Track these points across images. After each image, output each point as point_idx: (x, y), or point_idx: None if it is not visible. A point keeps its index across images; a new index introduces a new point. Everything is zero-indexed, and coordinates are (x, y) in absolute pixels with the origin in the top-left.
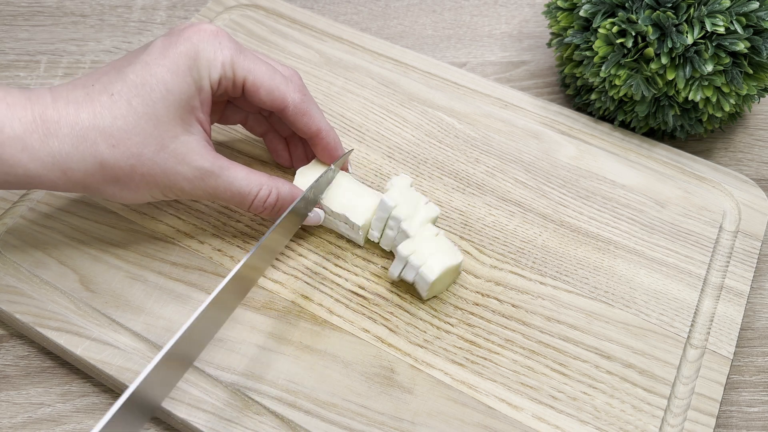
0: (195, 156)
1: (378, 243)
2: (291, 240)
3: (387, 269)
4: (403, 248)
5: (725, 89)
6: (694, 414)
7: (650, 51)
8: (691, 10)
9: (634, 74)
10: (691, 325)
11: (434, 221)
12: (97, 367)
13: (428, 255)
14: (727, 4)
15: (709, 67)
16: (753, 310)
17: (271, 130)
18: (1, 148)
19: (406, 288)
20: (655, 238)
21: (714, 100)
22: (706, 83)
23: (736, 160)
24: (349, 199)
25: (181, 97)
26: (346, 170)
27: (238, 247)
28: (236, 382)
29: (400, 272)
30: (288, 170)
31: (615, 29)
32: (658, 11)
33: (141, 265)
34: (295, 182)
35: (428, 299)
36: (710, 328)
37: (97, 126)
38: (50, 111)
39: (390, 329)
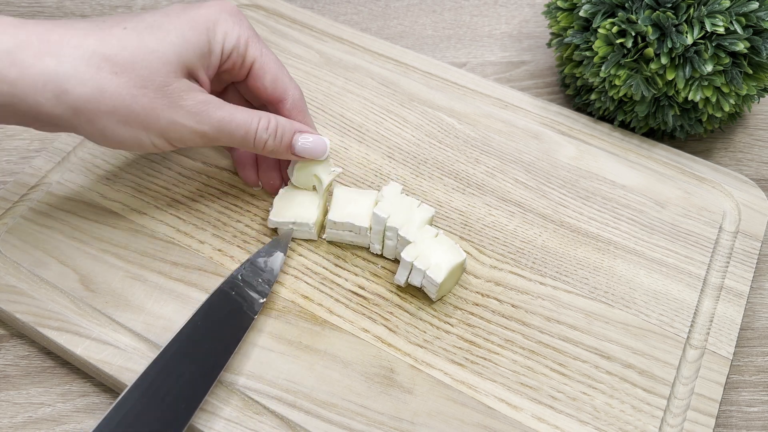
0: (195, 92)
1: (381, 255)
2: (291, 240)
3: (387, 269)
4: (406, 254)
5: (725, 89)
6: (694, 414)
7: (650, 51)
8: (691, 10)
9: (633, 74)
10: (691, 326)
11: (431, 222)
12: (97, 366)
13: (432, 256)
14: (727, 4)
15: (709, 67)
16: (753, 311)
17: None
18: None
19: (406, 288)
20: (655, 239)
21: (714, 100)
22: (706, 83)
23: (736, 161)
24: (348, 207)
25: (194, 50)
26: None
27: (238, 247)
28: (236, 382)
29: (407, 278)
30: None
31: (615, 29)
32: (658, 11)
33: (141, 265)
34: (273, 209)
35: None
36: (710, 329)
37: (103, 52)
38: (51, 34)
39: (390, 329)
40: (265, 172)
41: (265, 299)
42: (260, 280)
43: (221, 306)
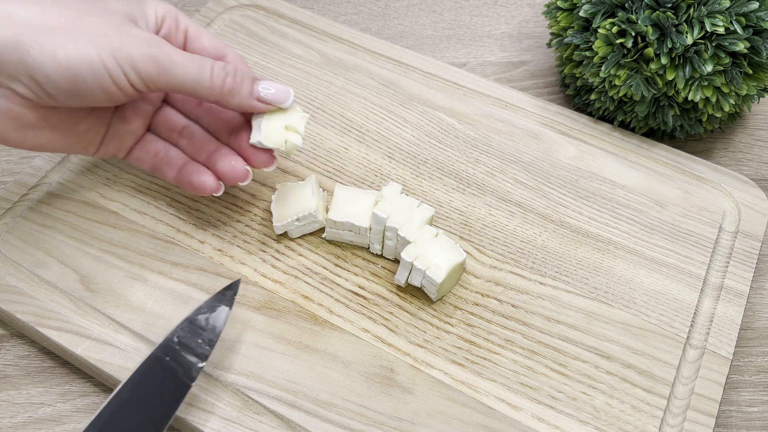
0: (147, 30)
1: (381, 255)
2: (291, 240)
3: (387, 269)
4: (406, 254)
5: (725, 89)
6: (694, 414)
7: (650, 51)
8: (691, 10)
9: (633, 74)
10: (691, 326)
11: (430, 221)
12: (97, 366)
13: (432, 256)
14: (727, 4)
15: (709, 68)
16: (753, 311)
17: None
18: None
19: (406, 288)
20: (654, 239)
21: (714, 100)
22: (706, 83)
23: (735, 161)
24: (348, 207)
25: (133, 11)
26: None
27: (239, 247)
28: (236, 382)
29: (407, 278)
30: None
31: (615, 29)
32: (657, 11)
33: (141, 265)
34: (274, 215)
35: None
36: (710, 329)
37: None
38: None
39: (390, 329)
40: (222, 160)
41: (205, 363)
42: (200, 340)
43: (153, 375)
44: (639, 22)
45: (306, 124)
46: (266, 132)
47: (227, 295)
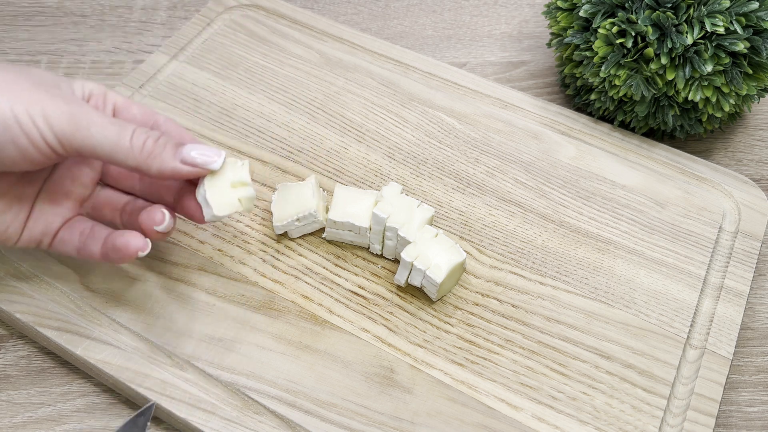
0: (69, 89)
1: (381, 255)
2: (291, 240)
3: (387, 269)
4: (406, 254)
5: (725, 89)
6: (694, 414)
7: (650, 51)
8: (691, 10)
9: (633, 74)
10: (691, 326)
11: (430, 222)
12: (97, 366)
13: (432, 256)
14: (727, 4)
15: (709, 68)
16: (753, 310)
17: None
18: None
19: (406, 288)
20: (654, 239)
21: (714, 100)
22: (706, 83)
23: (735, 161)
24: (348, 207)
25: (61, 83)
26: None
27: (239, 247)
28: (236, 382)
29: (407, 278)
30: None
31: (615, 29)
32: (657, 11)
33: (141, 265)
34: (274, 216)
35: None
36: (710, 329)
37: None
38: None
39: (390, 329)
40: (184, 204)
41: None
42: None
43: None
44: (639, 22)
45: (249, 171)
46: (215, 203)
47: (139, 422)
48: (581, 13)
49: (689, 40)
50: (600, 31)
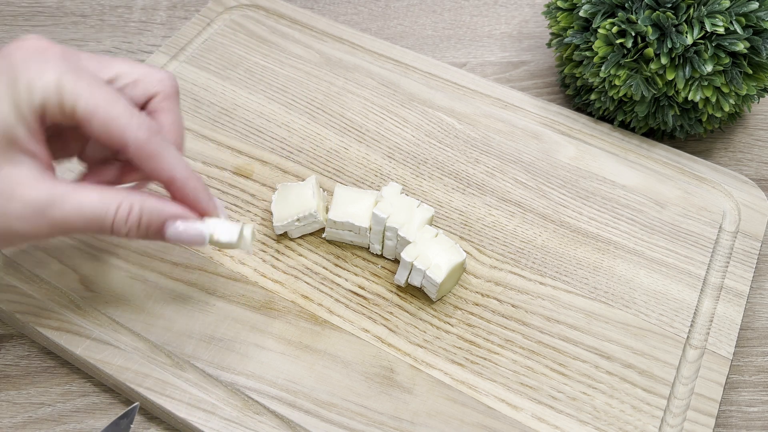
0: (24, 189)
1: (381, 255)
2: (291, 240)
3: (387, 269)
4: (406, 254)
5: (725, 89)
6: (694, 414)
7: (650, 51)
8: (691, 10)
9: (633, 74)
10: (691, 326)
11: (430, 222)
12: (97, 366)
13: (432, 256)
14: (727, 4)
15: (709, 68)
16: (753, 310)
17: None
18: None
19: (406, 288)
20: (654, 239)
21: (714, 100)
22: (706, 83)
23: (735, 160)
24: (348, 207)
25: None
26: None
27: None
28: (236, 382)
29: (407, 278)
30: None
31: (615, 29)
32: (657, 11)
33: (141, 265)
34: (274, 216)
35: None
36: (710, 329)
37: None
38: None
39: (390, 329)
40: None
41: None
42: None
43: None
44: (639, 22)
45: (252, 233)
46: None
47: (122, 424)
48: (581, 13)
49: (689, 40)
50: (600, 31)
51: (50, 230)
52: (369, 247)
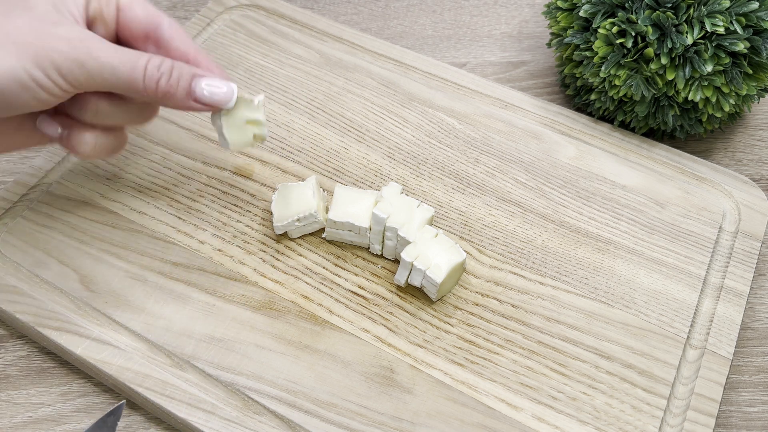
0: (72, 22)
1: (381, 255)
2: (291, 240)
3: (387, 269)
4: (406, 254)
5: (725, 89)
6: (694, 414)
7: (650, 51)
8: (691, 10)
9: (633, 74)
10: (691, 326)
11: (430, 222)
12: (97, 366)
13: (432, 256)
14: (727, 4)
15: (709, 68)
16: (753, 311)
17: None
18: None
19: (406, 288)
20: (654, 239)
21: (714, 100)
22: (706, 83)
23: (735, 161)
24: (348, 207)
25: None
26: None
27: (239, 247)
28: (236, 382)
29: (407, 278)
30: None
31: (615, 29)
32: (658, 11)
33: (141, 265)
34: (274, 215)
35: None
36: (710, 329)
37: None
38: None
39: (390, 329)
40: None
41: None
42: None
43: None
44: (639, 22)
45: (264, 107)
46: (231, 138)
47: (108, 422)
48: (581, 13)
49: (689, 40)
50: (600, 31)
51: (87, 55)
52: (369, 247)
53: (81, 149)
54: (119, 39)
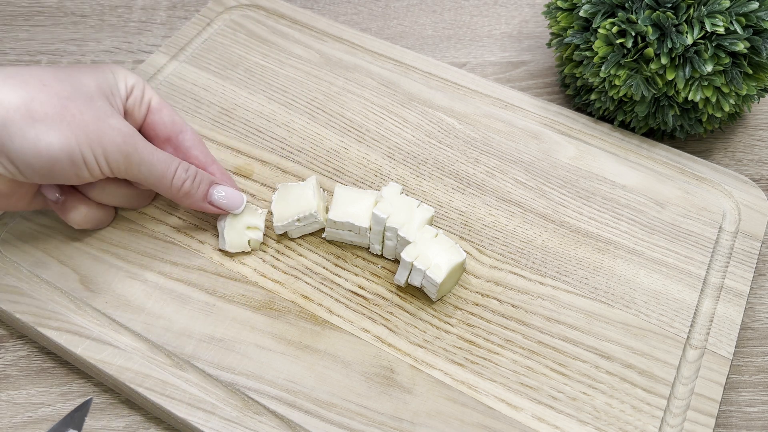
0: (120, 117)
1: (381, 255)
2: (291, 240)
3: (387, 269)
4: (406, 254)
5: (725, 89)
6: (694, 414)
7: (650, 51)
8: (691, 10)
9: (633, 74)
10: (691, 326)
11: (431, 222)
12: (97, 366)
13: (432, 256)
14: (727, 4)
15: (709, 68)
16: (753, 311)
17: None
18: None
19: (406, 288)
20: (654, 239)
21: (714, 100)
22: (706, 83)
23: (735, 161)
24: (348, 207)
25: (105, 81)
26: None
27: None
28: (236, 382)
29: (407, 278)
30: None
31: (615, 29)
32: (658, 11)
33: (141, 265)
34: (275, 216)
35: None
36: (710, 329)
37: (29, 71)
38: None
39: (390, 329)
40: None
41: None
42: None
43: None
44: (639, 22)
45: (264, 220)
46: (230, 240)
47: (75, 417)
48: (581, 13)
49: (689, 40)
50: (600, 31)
51: (133, 149)
52: (369, 247)
53: (73, 217)
54: (142, 135)
